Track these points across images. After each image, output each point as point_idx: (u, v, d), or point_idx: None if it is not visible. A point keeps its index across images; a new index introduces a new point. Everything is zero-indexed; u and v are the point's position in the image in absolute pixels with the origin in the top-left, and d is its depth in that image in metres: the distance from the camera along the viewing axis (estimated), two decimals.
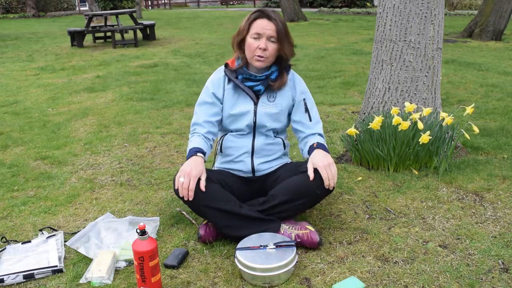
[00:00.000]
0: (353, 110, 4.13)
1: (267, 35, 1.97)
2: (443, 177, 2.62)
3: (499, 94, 4.60)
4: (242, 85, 2.07)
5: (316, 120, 2.16)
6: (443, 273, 1.77)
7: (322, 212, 2.28)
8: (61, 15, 21.54)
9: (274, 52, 2.01)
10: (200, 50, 8.38)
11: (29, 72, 6.70)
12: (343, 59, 7.01)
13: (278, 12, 2.05)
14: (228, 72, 2.10)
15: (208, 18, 17.07)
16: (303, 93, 2.15)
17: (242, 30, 2.03)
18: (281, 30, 1.98)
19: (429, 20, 2.79)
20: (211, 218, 1.97)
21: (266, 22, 1.97)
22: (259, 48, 1.97)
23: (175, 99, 4.72)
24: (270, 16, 1.98)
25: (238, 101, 2.10)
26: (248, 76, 2.05)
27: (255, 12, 2.01)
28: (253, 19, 2.00)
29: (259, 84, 2.06)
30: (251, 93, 2.08)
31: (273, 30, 1.97)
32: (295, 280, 1.76)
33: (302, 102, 2.13)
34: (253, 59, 2.01)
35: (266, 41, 1.97)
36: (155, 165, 2.99)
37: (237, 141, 2.12)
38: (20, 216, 2.35)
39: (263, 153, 2.13)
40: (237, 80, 2.07)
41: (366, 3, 22.32)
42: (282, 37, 1.99)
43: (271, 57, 2.01)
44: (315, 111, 2.17)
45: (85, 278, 1.79)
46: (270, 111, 2.09)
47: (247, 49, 2.02)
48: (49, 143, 3.48)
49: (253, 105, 2.09)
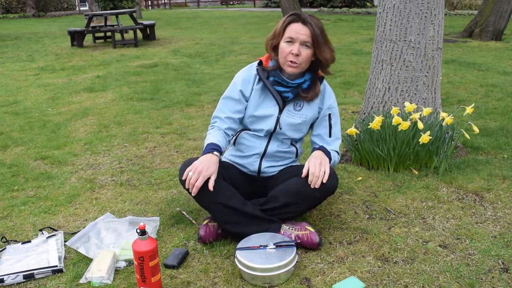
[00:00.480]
0: (353, 110, 4.13)
1: (300, 40, 1.88)
2: (443, 177, 2.62)
3: (499, 94, 4.60)
4: (271, 88, 1.99)
5: (335, 137, 2.11)
6: (443, 273, 1.77)
7: (322, 212, 2.28)
8: (61, 15, 21.54)
9: (307, 58, 1.92)
10: (200, 50, 8.38)
11: (29, 72, 6.70)
12: (343, 59, 7.01)
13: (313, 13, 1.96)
14: (260, 70, 2.01)
15: (208, 18, 17.07)
16: (331, 108, 2.09)
17: (277, 34, 1.95)
18: (317, 35, 1.89)
19: (429, 20, 2.79)
20: (213, 213, 1.96)
21: (300, 26, 1.89)
22: (291, 53, 1.89)
23: (175, 99, 4.72)
24: (305, 20, 1.90)
25: (264, 103, 2.03)
26: (280, 80, 1.97)
27: (290, 16, 1.94)
28: (288, 22, 1.92)
29: (289, 91, 1.99)
30: (278, 98, 2.00)
31: (307, 35, 1.88)
32: (295, 280, 1.76)
33: (327, 117, 2.08)
34: (285, 64, 1.93)
35: (299, 46, 1.89)
36: (155, 165, 2.99)
37: (252, 141, 2.08)
38: (20, 216, 2.35)
39: (273, 158, 2.10)
40: (268, 81, 2.00)
41: (366, 3, 22.31)
42: (319, 42, 1.90)
43: (304, 64, 1.93)
44: (338, 128, 2.12)
45: (85, 278, 1.79)
46: (293, 121, 2.03)
47: (280, 54, 1.94)
48: (49, 143, 3.48)
49: (278, 111, 2.02)
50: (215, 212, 1.96)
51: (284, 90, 1.99)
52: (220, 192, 1.90)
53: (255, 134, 2.08)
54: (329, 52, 1.95)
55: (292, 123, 2.03)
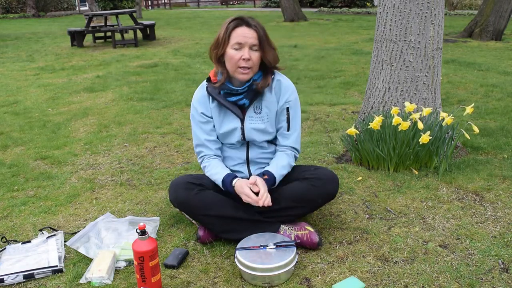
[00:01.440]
0: (353, 110, 4.13)
1: (249, 44, 1.83)
2: (443, 177, 2.62)
3: (499, 94, 4.60)
4: (226, 103, 1.94)
5: (293, 129, 2.04)
6: (443, 273, 1.77)
7: (322, 212, 2.28)
8: (61, 15, 21.54)
9: (257, 61, 1.88)
10: (200, 50, 8.38)
11: (29, 72, 6.70)
12: (343, 59, 7.01)
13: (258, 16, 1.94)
14: (210, 88, 1.97)
15: (208, 18, 17.08)
16: (288, 102, 2.00)
17: (221, 42, 1.87)
18: (262, 37, 1.85)
19: (429, 20, 2.79)
20: (207, 225, 1.99)
21: (246, 30, 1.84)
22: (242, 59, 1.83)
23: (175, 99, 4.72)
24: (249, 23, 1.85)
25: (225, 120, 1.99)
26: (229, 91, 1.92)
27: (232, 21, 1.86)
28: (232, 28, 1.85)
29: (243, 98, 1.93)
30: (236, 110, 1.96)
31: (254, 37, 1.84)
32: (295, 280, 1.76)
33: (285, 110, 2.01)
34: (237, 72, 1.87)
35: (248, 50, 1.84)
36: (155, 165, 2.99)
37: (232, 152, 2.07)
38: (20, 216, 2.35)
39: (258, 161, 2.08)
40: (220, 96, 1.94)
41: (366, 3, 22.31)
42: (264, 44, 1.86)
43: (255, 67, 1.89)
44: (296, 120, 2.05)
45: (85, 278, 1.79)
46: (257, 126, 1.98)
47: (229, 62, 1.87)
48: (49, 143, 3.48)
49: (240, 122, 1.98)
50: (209, 224, 1.98)
51: (238, 98, 1.93)
52: (209, 205, 1.91)
53: (231, 146, 2.07)
54: (272, 53, 1.91)
55: (257, 128, 1.98)
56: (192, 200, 1.93)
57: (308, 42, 9.12)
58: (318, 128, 3.65)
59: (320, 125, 3.73)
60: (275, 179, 1.95)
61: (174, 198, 1.99)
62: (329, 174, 2.01)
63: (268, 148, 2.08)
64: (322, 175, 1.99)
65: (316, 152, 3.09)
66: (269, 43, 1.90)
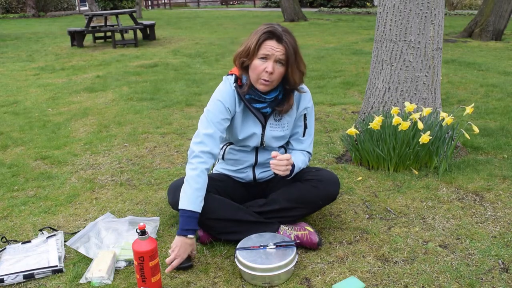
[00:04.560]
0: (353, 110, 4.13)
1: (275, 57, 1.81)
2: (443, 177, 2.62)
3: (499, 94, 4.60)
4: (251, 107, 1.94)
5: (308, 135, 2.08)
6: (443, 273, 1.77)
7: (322, 212, 2.28)
8: (61, 15, 21.54)
9: (280, 76, 1.86)
10: (200, 50, 8.38)
11: (29, 72, 6.70)
12: (343, 59, 7.01)
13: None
14: (238, 89, 1.93)
15: (208, 18, 17.07)
16: (306, 108, 2.05)
17: (251, 53, 1.84)
18: (291, 54, 1.82)
19: (429, 20, 2.79)
20: (207, 228, 1.99)
21: (275, 44, 1.82)
22: (265, 71, 1.82)
23: (175, 99, 4.72)
24: (280, 37, 1.82)
25: (247, 124, 1.98)
26: (256, 97, 1.91)
27: (265, 32, 1.83)
28: (262, 40, 1.82)
29: (267, 106, 1.94)
30: (260, 116, 1.96)
31: (282, 52, 1.81)
32: (295, 280, 1.76)
33: (302, 117, 2.06)
34: (258, 82, 1.87)
35: (273, 63, 1.82)
36: (155, 165, 2.99)
37: (240, 155, 2.08)
38: (20, 216, 2.35)
39: (266, 164, 2.10)
40: (246, 100, 1.93)
41: (366, 3, 22.31)
42: (291, 62, 1.84)
43: (275, 82, 1.87)
44: (312, 126, 2.09)
45: (85, 278, 1.79)
46: (277, 134, 2.01)
47: (253, 71, 1.86)
48: (49, 143, 3.48)
49: (261, 128, 1.99)
50: (209, 227, 1.98)
51: (262, 106, 1.93)
52: (208, 208, 1.89)
53: (241, 149, 2.07)
54: (298, 74, 1.88)
55: (276, 135, 2.01)
56: None
57: (308, 42, 9.12)
58: (318, 128, 3.65)
59: (320, 125, 3.73)
60: (294, 167, 1.95)
61: (172, 202, 1.99)
62: (330, 176, 2.02)
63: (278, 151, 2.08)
64: (323, 177, 2.00)
65: (316, 152, 3.09)
66: (298, 62, 1.87)
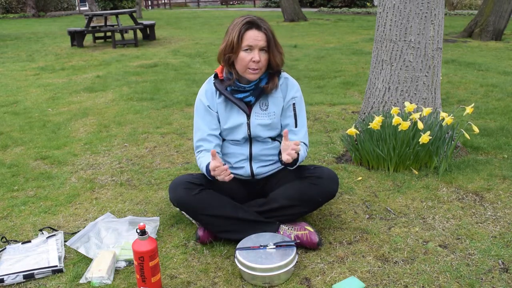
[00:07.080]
0: (353, 110, 4.13)
1: (259, 46, 1.90)
2: (443, 177, 2.62)
3: (499, 94, 4.60)
4: (232, 98, 2.00)
5: (301, 125, 2.10)
6: (443, 273, 1.77)
7: (322, 212, 2.28)
8: (61, 15, 21.54)
9: (266, 62, 1.96)
10: (200, 50, 8.38)
11: (29, 72, 6.70)
12: (343, 59, 7.01)
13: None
14: (217, 83, 2.02)
15: (208, 18, 17.07)
16: (294, 98, 2.08)
17: (233, 45, 1.91)
18: (271, 40, 1.92)
19: (429, 20, 2.79)
20: (206, 224, 2.00)
21: (256, 33, 1.90)
22: (252, 61, 1.90)
23: (175, 99, 4.72)
24: (259, 25, 1.91)
25: (231, 115, 2.04)
26: (236, 88, 1.99)
27: (244, 24, 1.90)
28: (243, 32, 1.90)
29: (249, 95, 1.99)
30: (242, 105, 2.01)
31: (264, 40, 1.91)
32: (295, 280, 1.76)
33: (291, 106, 2.07)
34: (246, 72, 1.94)
35: (258, 52, 1.90)
36: (155, 165, 2.99)
37: (235, 148, 2.09)
38: (20, 216, 2.35)
39: (261, 158, 2.10)
40: (227, 92, 2.00)
41: (366, 3, 22.30)
42: (272, 47, 1.93)
43: (263, 68, 1.96)
44: (303, 116, 2.11)
45: (85, 278, 1.79)
46: (263, 122, 2.03)
47: (239, 63, 1.94)
48: (49, 143, 3.48)
49: (246, 117, 2.03)
50: (208, 224, 1.99)
51: (244, 95, 1.99)
52: (208, 205, 1.92)
53: (234, 143, 2.09)
54: (279, 56, 1.97)
55: (262, 123, 2.03)
56: (192, 200, 1.94)
57: (308, 42, 9.12)
58: (318, 128, 3.65)
59: (320, 125, 3.73)
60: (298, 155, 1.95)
61: (174, 198, 2.00)
62: (329, 173, 2.02)
63: (271, 144, 2.10)
64: (322, 174, 2.00)
65: (316, 152, 3.09)
66: (277, 46, 1.97)
